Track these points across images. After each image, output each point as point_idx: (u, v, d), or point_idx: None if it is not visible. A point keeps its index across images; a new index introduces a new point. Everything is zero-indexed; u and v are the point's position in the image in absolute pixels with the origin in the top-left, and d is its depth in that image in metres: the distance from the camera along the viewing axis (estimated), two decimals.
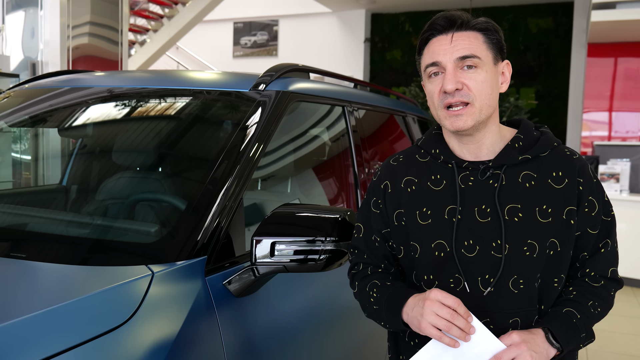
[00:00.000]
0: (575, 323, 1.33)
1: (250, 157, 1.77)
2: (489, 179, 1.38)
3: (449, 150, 1.44)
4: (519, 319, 1.34)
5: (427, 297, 1.26)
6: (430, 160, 1.46)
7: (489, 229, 1.35)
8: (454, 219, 1.37)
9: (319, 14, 11.18)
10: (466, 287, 1.35)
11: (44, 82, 2.49)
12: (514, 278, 1.33)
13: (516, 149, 1.39)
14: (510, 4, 10.03)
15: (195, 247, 1.52)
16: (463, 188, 1.38)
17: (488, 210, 1.36)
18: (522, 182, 1.37)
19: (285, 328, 1.75)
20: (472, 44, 1.34)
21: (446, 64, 1.34)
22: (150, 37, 9.37)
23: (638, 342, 4.62)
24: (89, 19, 5.19)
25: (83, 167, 2.40)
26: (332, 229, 1.55)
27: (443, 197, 1.40)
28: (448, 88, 1.32)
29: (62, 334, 1.15)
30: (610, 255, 1.44)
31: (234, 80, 2.21)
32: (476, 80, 1.33)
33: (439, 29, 1.37)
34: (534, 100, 9.90)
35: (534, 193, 1.36)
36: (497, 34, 1.38)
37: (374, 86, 3.37)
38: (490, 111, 1.37)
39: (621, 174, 6.56)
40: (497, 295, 1.34)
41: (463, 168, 1.41)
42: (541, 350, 1.26)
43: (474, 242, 1.35)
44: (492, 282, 1.33)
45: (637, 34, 7.49)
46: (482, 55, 1.34)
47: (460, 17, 1.36)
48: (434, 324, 1.24)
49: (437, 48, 1.35)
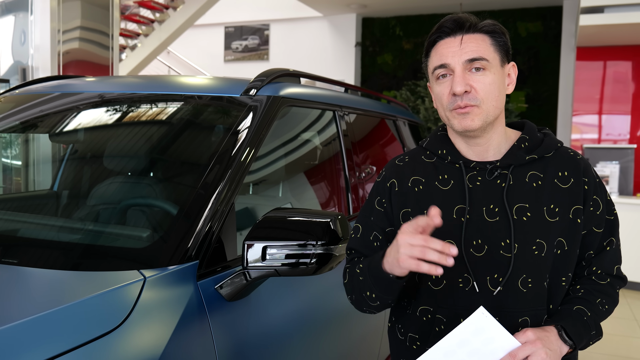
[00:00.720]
0: (586, 321, 1.35)
1: (242, 162, 1.77)
2: (496, 179, 1.39)
3: (455, 151, 1.45)
4: (529, 319, 1.36)
5: (398, 234, 1.23)
6: (436, 160, 1.47)
7: (497, 229, 1.36)
8: (462, 219, 1.38)
9: (310, 18, 11.20)
10: (475, 287, 1.35)
11: (34, 87, 2.49)
12: (523, 277, 1.35)
13: (523, 149, 1.41)
14: (500, 8, 10.09)
15: (187, 252, 1.53)
16: (471, 188, 1.40)
17: (496, 210, 1.37)
18: (529, 182, 1.39)
19: (277, 332, 1.75)
20: (480, 47, 1.35)
21: (455, 66, 1.35)
22: (141, 41, 9.36)
23: (628, 344, 4.66)
24: (79, 24, 5.17)
25: (74, 173, 2.40)
26: (323, 233, 1.56)
27: (451, 197, 1.41)
28: (457, 90, 1.33)
29: (55, 339, 1.15)
30: (615, 253, 1.46)
31: (225, 85, 2.22)
32: (484, 82, 1.34)
33: (447, 32, 1.38)
34: (524, 104, 9.96)
35: (541, 192, 1.38)
36: (504, 37, 1.40)
37: (364, 90, 3.39)
38: (497, 112, 1.38)
39: (610, 177, 6.61)
40: (506, 294, 1.35)
41: (471, 168, 1.42)
42: (555, 348, 1.27)
43: (482, 242, 1.36)
44: (501, 281, 1.34)
45: (625, 37, 7.55)
46: (489, 58, 1.35)
47: (469, 19, 1.37)
48: (410, 254, 1.20)
49: (446, 50, 1.37)
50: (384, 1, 10.01)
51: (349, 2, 10.04)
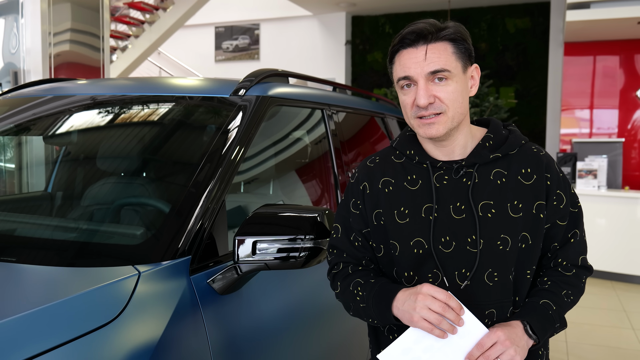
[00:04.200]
0: (551, 314, 1.41)
1: (232, 160, 1.83)
2: (462, 178, 1.45)
3: (423, 151, 1.50)
4: (495, 310, 1.42)
5: (420, 292, 1.31)
6: (405, 160, 1.52)
7: (464, 225, 1.42)
8: (430, 217, 1.43)
9: (299, 17, 11.24)
10: (445, 281, 1.41)
11: (26, 91, 2.53)
12: (489, 271, 1.41)
13: (487, 148, 1.46)
14: (488, 5, 10.16)
15: (179, 248, 1.58)
16: (438, 187, 1.45)
17: (463, 208, 1.43)
18: (493, 180, 1.44)
19: (268, 324, 1.81)
20: (442, 57, 1.38)
21: (418, 78, 1.38)
22: (131, 42, 9.38)
23: (617, 334, 4.73)
24: (69, 26, 5.20)
25: (68, 174, 2.44)
26: (311, 227, 1.62)
27: (419, 196, 1.46)
28: (421, 103, 1.38)
29: (53, 331, 1.20)
30: (580, 245, 1.52)
31: (215, 86, 2.26)
32: (447, 91, 1.38)
33: (408, 42, 1.40)
34: (514, 100, 10.05)
35: (505, 189, 1.44)
36: (466, 42, 1.42)
37: (352, 89, 3.44)
38: (462, 117, 1.43)
39: (599, 170, 6.69)
40: (473, 288, 1.41)
41: (437, 168, 1.47)
42: (522, 344, 1.34)
43: (450, 239, 1.42)
44: (468, 275, 1.40)
45: (612, 32, 7.64)
46: (451, 67, 1.38)
47: (430, 30, 1.39)
48: (426, 318, 1.29)
49: (408, 62, 1.39)
50: None
51: (339, 0, 10.09)
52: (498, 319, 1.42)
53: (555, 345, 4.35)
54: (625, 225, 6.40)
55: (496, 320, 1.42)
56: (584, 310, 5.23)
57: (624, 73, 8.13)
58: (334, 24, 11.10)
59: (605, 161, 6.81)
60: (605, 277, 6.48)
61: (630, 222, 6.37)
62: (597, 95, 8.31)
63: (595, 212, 6.51)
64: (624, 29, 7.37)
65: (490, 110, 8.62)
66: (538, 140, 9.81)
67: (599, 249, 6.41)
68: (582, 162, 6.79)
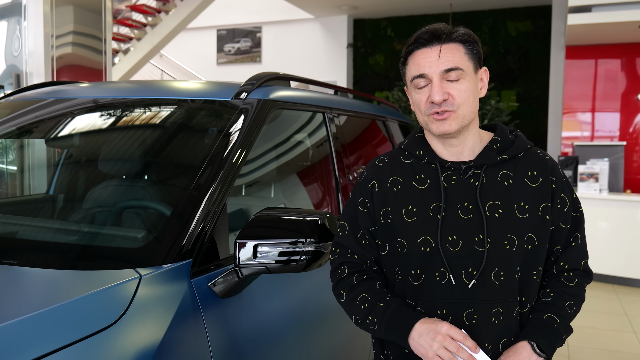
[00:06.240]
0: (556, 328, 1.45)
1: (233, 164, 1.83)
2: (470, 178, 1.48)
3: (432, 152, 1.53)
4: (501, 309, 1.44)
5: (439, 332, 1.36)
6: (414, 161, 1.55)
7: (471, 225, 1.44)
8: (438, 216, 1.46)
9: (301, 20, 11.27)
10: (451, 279, 1.44)
11: (29, 94, 2.53)
12: (495, 270, 1.43)
13: (495, 150, 1.50)
14: (490, 8, 10.17)
15: (181, 251, 1.58)
16: (446, 187, 1.48)
17: (470, 207, 1.45)
18: (500, 181, 1.48)
19: (269, 327, 1.81)
20: (455, 57, 1.44)
21: (432, 76, 1.44)
22: (134, 45, 9.40)
23: (619, 338, 4.72)
24: (72, 29, 5.21)
25: (70, 177, 2.45)
26: (312, 231, 1.62)
27: (428, 195, 1.49)
28: (436, 99, 1.42)
29: (55, 334, 1.20)
30: (581, 248, 1.56)
31: (217, 89, 2.27)
32: (460, 90, 1.44)
33: (423, 42, 1.46)
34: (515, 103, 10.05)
35: (512, 191, 1.47)
36: (476, 45, 1.49)
37: (354, 92, 3.45)
38: (472, 116, 1.48)
39: (600, 174, 6.69)
40: (480, 286, 1.43)
41: (446, 168, 1.50)
42: None
43: (457, 237, 1.44)
44: (475, 274, 1.43)
45: (613, 36, 7.65)
46: (464, 67, 1.44)
47: (444, 30, 1.46)
48: (441, 356, 1.35)
49: (423, 61, 1.45)
50: (375, 2, 10.08)
51: (340, 3, 10.11)
52: (504, 317, 1.44)
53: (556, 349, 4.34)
54: (627, 228, 6.39)
55: (502, 319, 1.44)
56: (585, 313, 5.23)
57: (626, 76, 8.14)
58: (336, 27, 11.12)
59: (607, 164, 6.81)
60: (606, 280, 6.47)
61: (631, 225, 6.37)
62: (598, 99, 8.31)
63: (597, 216, 6.50)
64: (625, 32, 7.38)
65: (491, 113, 8.62)
66: (539, 143, 9.81)
67: (601, 253, 6.41)
68: (583, 166, 6.79)
